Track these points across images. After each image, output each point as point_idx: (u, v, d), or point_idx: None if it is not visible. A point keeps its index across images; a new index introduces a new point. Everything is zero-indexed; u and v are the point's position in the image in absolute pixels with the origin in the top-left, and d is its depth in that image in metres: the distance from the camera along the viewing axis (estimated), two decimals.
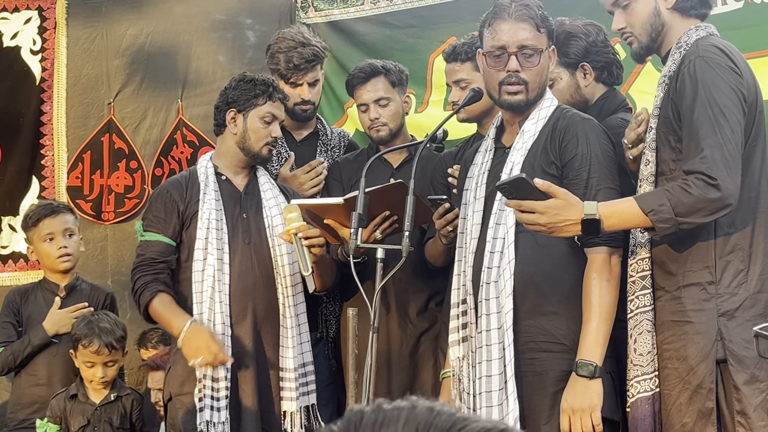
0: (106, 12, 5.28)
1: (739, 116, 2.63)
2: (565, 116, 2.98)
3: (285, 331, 3.59)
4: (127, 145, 5.19)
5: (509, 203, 2.65)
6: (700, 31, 2.80)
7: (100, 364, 3.92)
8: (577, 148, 2.88)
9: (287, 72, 4.01)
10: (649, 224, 2.59)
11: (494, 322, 2.85)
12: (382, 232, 3.42)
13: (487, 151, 3.11)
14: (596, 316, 2.78)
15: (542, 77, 2.98)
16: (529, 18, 2.93)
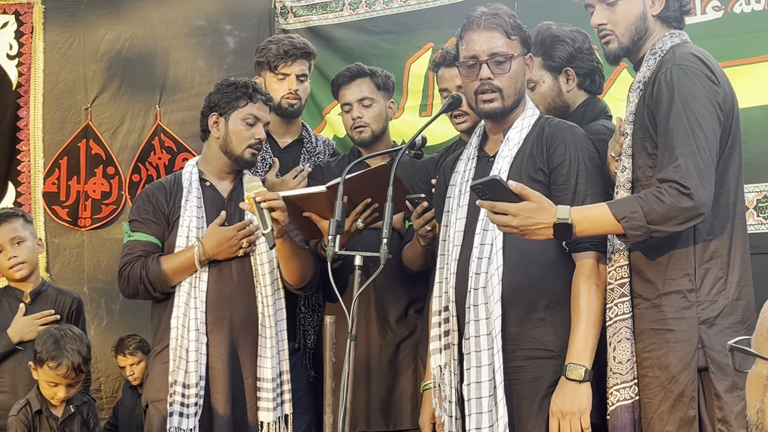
0: (83, 17, 5.25)
1: (715, 125, 2.63)
2: (551, 124, 3.00)
3: (264, 340, 3.55)
4: (104, 151, 5.15)
5: (482, 204, 2.66)
6: (674, 38, 2.79)
7: (64, 385, 3.85)
8: (565, 154, 2.89)
9: (276, 59, 4.03)
10: (620, 231, 2.59)
11: (483, 328, 2.84)
12: (363, 220, 3.39)
13: (469, 159, 3.10)
14: (585, 320, 2.78)
15: (517, 83, 2.99)
16: (499, 26, 2.96)
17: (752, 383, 1.51)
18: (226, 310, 3.55)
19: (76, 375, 3.85)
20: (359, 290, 2.78)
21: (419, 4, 4.90)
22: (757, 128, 3.94)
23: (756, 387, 1.49)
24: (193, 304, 3.52)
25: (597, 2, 2.85)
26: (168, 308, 3.57)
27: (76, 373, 3.84)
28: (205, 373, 3.49)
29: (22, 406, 3.85)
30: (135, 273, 3.55)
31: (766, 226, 3.90)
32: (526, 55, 3.03)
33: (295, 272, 3.57)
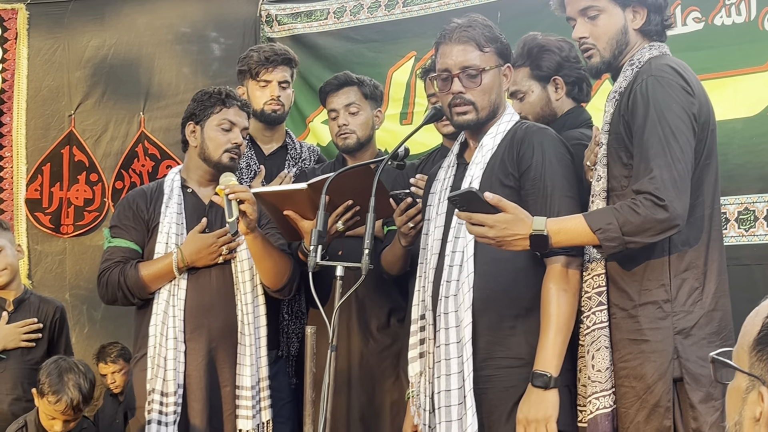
0: (68, 23, 5.24)
1: (690, 137, 2.64)
2: (522, 128, 2.99)
3: (243, 348, 3.54)
4: (88, 158, 5.14)
5: (460, 215, 2.68)
6: (653, 50, 2.80)
7: (61, 420, 3.81)
8: (533, 157, 2.88)
9: (257, 66, 4.05)
10: (596, 242, 2.60)
11: (453, 336, 2.83)
12: (344, 222, 3.36)
13: (449, 167, 3.11)
14: (553, 326, 2.77)
15: (491, 96, 2.98)
16: (470, 39, 2.96)
17: (731, 396, 1.52)
18: (205, 318, 3.54)
19: (74, 413, 3.79)
20: (340, 301, 2.77)
21: (403, 13, 4.91)
22: (738, 140, 3.96)
23: (735, 399, 1.50)
24: (171, 312, 3.51)
25: (578, 15, 2.85)
26: (147, 316, 3.56)
27: (75, 411, 3.78)
28: (183, 382, 3.48)
29: (19, 426, 3.82)
30: (113, 279, 3.55)
31: (747, 238, 3.92)
32: (504, 66, 3.02)
33: (269, 273, 3.55)
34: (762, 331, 1.47)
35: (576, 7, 2.85)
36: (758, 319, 1.49)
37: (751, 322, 1.51)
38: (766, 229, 3.92)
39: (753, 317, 1.51)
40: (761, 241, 3.93)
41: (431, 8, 4.82)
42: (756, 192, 3.93)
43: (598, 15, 2.82)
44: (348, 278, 2.87)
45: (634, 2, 2.81)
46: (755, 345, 1.47)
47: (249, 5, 5.28)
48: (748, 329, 1.50)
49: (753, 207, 3.94)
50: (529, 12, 4.43)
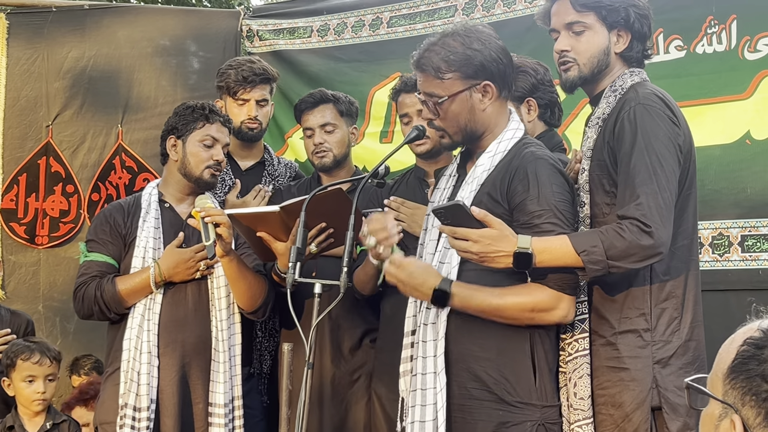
0: (48, 33, 5.21)
1: (675, 166, 2.65)
2: (521, 154, 2.82)
3: (216, 365, 3.52)
4: (64, 169, 5.10)
5: (443, 228, 2.65)
6: (635, 77, 2.82)
7: (42, 377, 3.88)
8: (528, 191, 2.73)
9: (235, 85, 4.03)
10: (580, 264, 2.59)
11: (430, 365, 2.77)
12: (317, 245, 3.33)
13: (450, 176, 3.04)
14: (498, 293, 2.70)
15: (459, 122, 2.85)
16: (428, 67, 2.84)
17: (705, 422, 1.53)
18: (179, 333, 3.52)
19: (51, 362, 3.87)
20: (317, 318, 2.76)
21: (388, 34, 4.93)
22: (715, 166, 4.00)
23: (708, 426, 1.51)
24: (146, 326, 3.49)
25: (563, 29, 2.85)
26: (121, 330, 3.53)
27: (51, 360, 3.85)
28: (156, 397, 3.45)
29: (5, 427, 3.86)
30: (90, 293, 3.52)
31: (721, 263, 3.95)
32: (479, 84, 2.83)
33: (244, 295, 3.54)
34: (736, 359, 1.48)
35: (562, 20, 2.85)
36: (733, 347, 1.50)
37: (726, 349, 1.52)
38: (741, 255, 3.95)
39: (728, 345, 1.52)
40: (735, 267, 3.96)
41: (416, 30, 4.84)
42: (731, 218, 3.96)
43: (584, 31, 2.82)
44: (322, 298, 2.85)
45: (620, 26, 2.82)
46: (729, 373, 1.48)
47: (230, 20, 5.29)
48: (723, 357, 1.51)
49: (727, 232, 3.97)
50: (514, 36, 4.44)
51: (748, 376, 1.46)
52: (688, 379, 1.55)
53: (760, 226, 3.92)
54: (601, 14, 2.80)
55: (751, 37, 4.01)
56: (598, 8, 2.80)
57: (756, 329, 1.50)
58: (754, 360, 1.46)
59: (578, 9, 2.81)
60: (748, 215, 3.95)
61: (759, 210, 3.93)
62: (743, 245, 3.95)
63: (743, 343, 1.48)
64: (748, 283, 3.92)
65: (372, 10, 5.00)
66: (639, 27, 2.83)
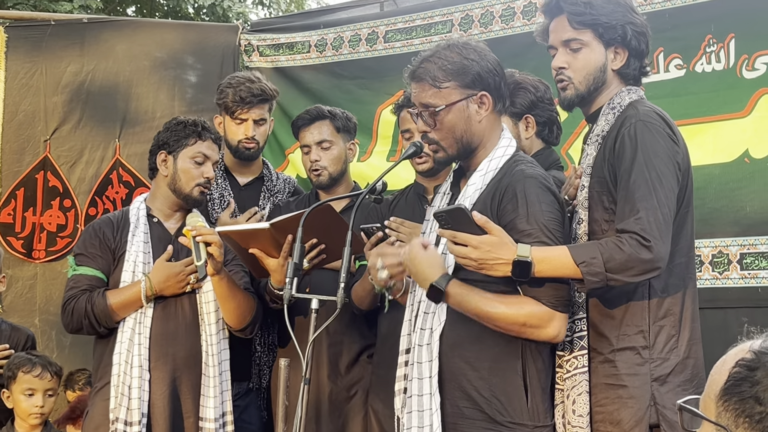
0: (46, 47, 5.21)
1: (674, 184, 2.66)
2: (511, 172, 2.80)
3: (207, 379, 3.51)
4: (62, 183, 5.10)
5: (443, 233, 2.63)
6: (632, 94, 2.82)
7: (41, 391, 3.89)
8: (517, 210, 2.70)
9: (233, 105, 4.01)
10: (578, 275, 2.57)
11: (426, 386, 2.74)
12: (309, 261, 3.32)
13: (444, 194, 3.02)
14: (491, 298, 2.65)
15: (455, 133, 2.82)
16: (425, 76, 2.82)
17: None
18: (170, 346, 3.52)
19: (52, 377, 3.87)
20: (314, 334, 2.74)
21: (386, 49, 4.94)
22: (714, 185, 4.00)
23: None
24: (137, 340, 3.48)
25: (561, 45, 2.86)
26: (110, 344, 3.52)
27: (52, 375, 3.85)
28: (147, 410, 3.44)
29: None
30: (80, 307, 3.50)
31: (721, 281, 3.94)
32: (476, 95, 2.81)
33: (233, 313, 3.53)
34: (729, 381, 1.47)
35: (560, 37, 2.85)
36: (725, 369, 1.50)
37: (718, 371, 1.52)
38: (740, 273, 3.95)
39: (720, 366, 1.52)
40: (735, 285, 3.96)
41: (413, 45, 4.85)
42: (730, 236, 3.97)
43: (581, 48, 2.82)
44: (320, 313, 2.84)
45: (617, 43, 2.82)
46: (722, 395, 1.48)
47: (228, 34, 5.30)
48: (716, 378, 1.51)
49: (727, 250, 3.97)
50: (515, 54, 4.45)
51: (741, 398, 1.46)
52: (680, 401, 1.54)
53: (758, 243, 3.93)
54: (598, 31, 2.81)
55: (749, 55, 4.02)
56: (595, 26, 2.80)
57: (747, 350, 1.49)
58: (746, 382, 1.46)
59: (575, 26, 2.82)
60: (747, 233, 3.96)
61: (758, 228, 3.94)
62: (742, 263, 3.95)
63: (735, 364, 1.48)
64: (748, 300, 3.93)
65: (368, 24, 5.02)
66: (636, 44, 2.83)
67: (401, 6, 5.06)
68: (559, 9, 2.85)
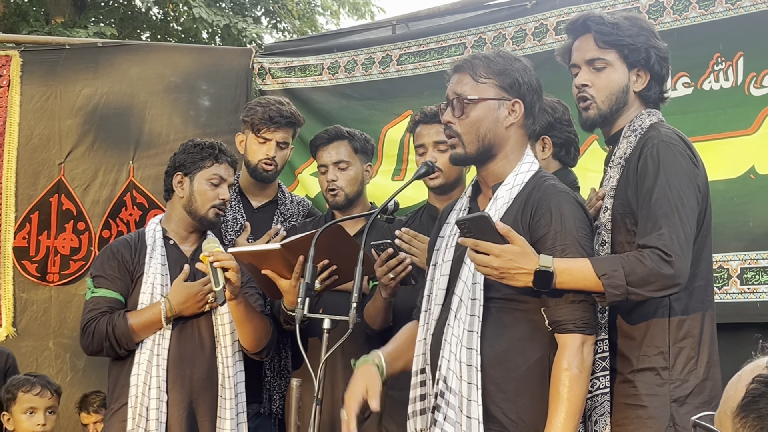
0: (61, 71, 5.26)
1: (695, 204, 2.67)
2: (541, 186, 2.78)
3: (223, 402, 3.51)
4: (76, 207, 5.14)
5: (465, 241, 2.60)
6: (652, 116, 2.84)
7: (42, 408, 3.90)
8: (551, 225, 2.69)
9: (260, 123, 4.02)
10: (600, 288, 2.57)
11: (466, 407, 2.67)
12: (321, 282, 3.29)
13: (461, 211, 2.95)
14: (564, 410, 2.59)
15: (479, 130, 2.80)
16: (467, 68, 2.82)
17: None
18: (187, 369, 3.52)
19: (52, 395, 3.88)
20: (326, 354, 2.75)
21: (398, 71, 4.96)
22: (719, 201, 3.97)
23: None
24: (155, 361, 3.49)
25: (584, 64, 2.87)
26: (127, 366, 3.53)
27: (51, 393, 3.86)
28: None
29: None
30: (101, 329, 3.51)
31: (720, 296, 3.92)
32: (510, 101, 2.80)
33: (249, 336, 3.54)
34: (746, 397, 1.45)
35: (583, 56, 2.87)
36: (741, 385, 1.47)
37: (733, 387, 1.50)
38: (739, 288, 3.93)
39: (735, 383, 1.50)
40: (733, 300, 3.94)
41: (426, 67, 4.87)
42: (731, 251, 3.96)
43: (604, 68, 2.84)
44: (333, 334, 2.83)
45: (641, 66, 2.84)
46: (739, 411, 1.46)
47: (242, 57, 5.33)
48: (731, 394, 1.49)
49: (727, 265, 3.96)
50: None
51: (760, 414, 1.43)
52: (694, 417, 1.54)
53: (759, 258, 3.92)
54: (623, 52, 2.83)
55: (758, 73, 4.02)
56: (620, 46, 2.82)
57: (764, 366, 1.47)
58: (765, 398, 1.43)
59: (600, 46, 2.84)
60: (749, 248, 3.94)
61: (760, 242, 3.93)
62: (742, 278, 3.94)
63: (752, 381, 1.46)
64: (747, 316, 3.90)
65: (382, 48, 5.05)
66: (658, 69, 2.85)
67: (413, 29, 5.09)
68: (585, 28, 2.87)
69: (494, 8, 4.86)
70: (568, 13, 4.50)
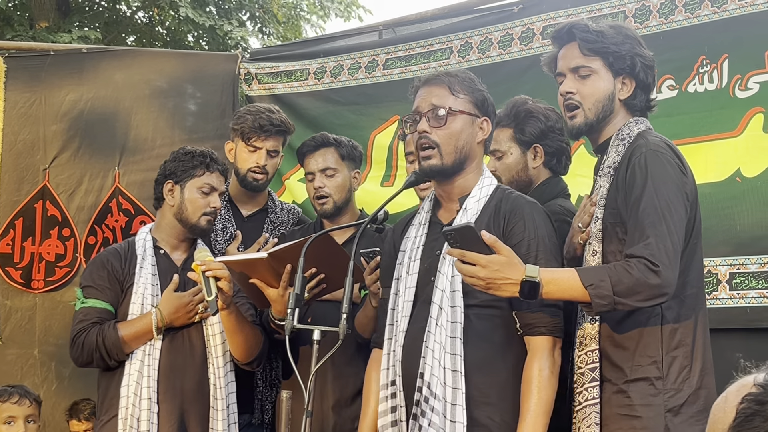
0: (45, 77, 5.22)
1: (683, 213, 2.68)
2: (509, 197, 2.92)
3: (215, 413, 3.49)
4: (61, 213, 5.10)
5: (452, 252, 2.62)
6: (640, 125, 2.84)
7: (22, 417, 3.85)
8: (525, 232, 2.82)
9: (250, 132, 3.98)
10: (587, 298, 2.58)
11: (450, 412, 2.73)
12: (309, 291, 3.27)
13: (421, 225, 3.02)
14: (534, 410, 2.71)
15: (458, 141, 2.89)
16: (444, 82, 2.92)
17: None
18: (178, 379, 3.50)
19: (31, 403, 3.84)
20: (316, 365, 2.73)
21: (384, 76, 4.96)
22: (705, 204, 3.93)
23: None
24: (146, 372, 3.46)
25: (569, 72, 2.88)
26: (117, 377, 3.50)
27: (30, 401, 3.82)
28: None
29: None
30: (91, 340, 3.48)
31: (709, 301, 3.90)
32: (479, 119, 2.94)
33: (240, 347, 3.52)
34: (738, 417, 1.42)
35: (569, 63, 2.88)
36: (730, 407, 1.45)
37: (720, 409, 1.47)
38: (729, 293, 3.93)
39: (722, 405, 1.47)
40: (723, 305, 3.94)
41: (412, 71, 4.87)
42: (719, 255, 3.96)
43: (590, 75, 2.85)
44: (323, 344, 2.83)
45: (626, 73, 2.85)
46: None
47: (228, 63, 5.31)
48: (719, 417, 1.46)
49: (716, 270, 3.96)
50: (510, 78, 4.49)
51: None
52: None
53: (748, 263, 3.91)
54: (608, 60, 2.84)
55: (742, 75, 4.03)
56: (605, 54, 2.83)
57: (752, 385, 1.45)
58: (758, 417, 1.41)
59: (585, 53, 2.85)
60: (737, 252, 3.94)
61: (748, 247, 3.93)
62: (731, 283, 3.93)
63: (741, 401, 1.43)
64: (736, 321, 3.90)
65: (368, 53, 5.04)
66: (644, 77, 2.86)
67: (400, 34, 5.08)
68: (570, 36, 2.88)
69: (481, 13, 4.85)
70: (554, 17, 4.51)
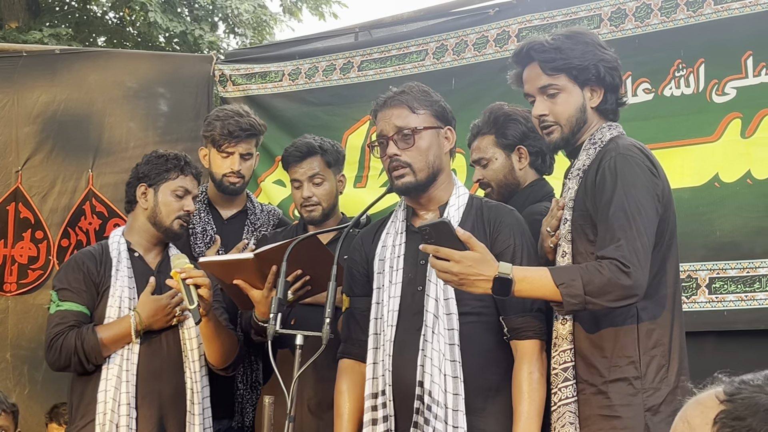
0: (18, 78, 5.17)
1: (653, 215, 2.70)
2: (489, 205, 3.00)
3: (192, 417, 3.47)
4: (33, 215, 5.04)
5: (426, 248, 2.63)
6: (613, 130, 2.86)
7: None
8: (510, 239, 2.90)
9: (221, 139, 3.96)
10: (558, 297, 2.60)
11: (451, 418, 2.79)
12: (293, 292, 3.26)
13: (398, 234, 3.04)
14: (527, 413, 2.77)
15: (428, 157, 2.96)
16: (403, 102, 2.97)
17: None
18: (156, 384, 3.47)
19: (3, 413, 3.76)
20: (299, 370, 2.73)
21: (359, 77, 4.96)
22: (684, 209, 4.01)
23: None
24: (124, 377, 3.42)
25: (537, 93, 2.89)
26: (93, 381, 3.45)
27: (5, 411, 3.75)
28: None
29: None
30: (69, 344, 3.43)
31: (688, 305, 3.94)
32: (443, 129, 3.01)
33: (217, 353, 3.50)
34: None
35: (535, 85, 2.89)
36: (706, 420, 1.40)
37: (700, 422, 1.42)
38: (708, 297, 3.96)
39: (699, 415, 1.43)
40: (701, 308, 3.97)
41: (386, 73, 4.87)
42: (699, 260, 3.99)
43: (558, 93, 2.86)
44: (306, 347, 2.83)
45: (592, 82, 2.86)
46: None
47: (202, 64, 5.29)
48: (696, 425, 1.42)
49: (695, 275, 3.99)
50: (483, 80, 4.51)
51: None
52: None
53: (728, 268, 3.95)
54: (572, 74, 2.84)
55: (719, 80, 4.06)
56: (569, 69, 2.84)
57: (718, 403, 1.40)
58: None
59: (549, 72, 2.85)
60: (717, 257, 3.97)
61: (728, 252, 3.96)
62: (710, 287, 3.97)
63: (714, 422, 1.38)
64: (714, 324, 3.94)
65: (344, 55, 5.04)
66: (610, 80, 2.87)
67: (375, 36, 5.08)
68: (529, 57, 2.89)
69: (457, 16, 4.86)
70: (530, 20, 4.53)
